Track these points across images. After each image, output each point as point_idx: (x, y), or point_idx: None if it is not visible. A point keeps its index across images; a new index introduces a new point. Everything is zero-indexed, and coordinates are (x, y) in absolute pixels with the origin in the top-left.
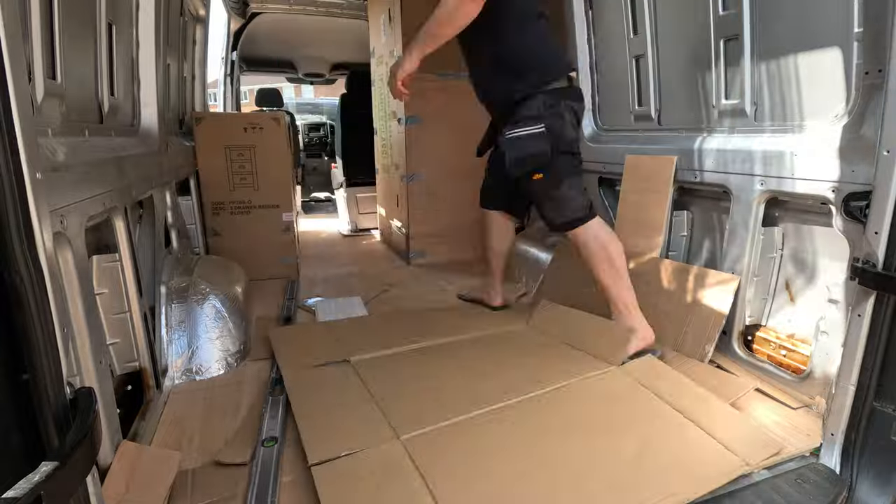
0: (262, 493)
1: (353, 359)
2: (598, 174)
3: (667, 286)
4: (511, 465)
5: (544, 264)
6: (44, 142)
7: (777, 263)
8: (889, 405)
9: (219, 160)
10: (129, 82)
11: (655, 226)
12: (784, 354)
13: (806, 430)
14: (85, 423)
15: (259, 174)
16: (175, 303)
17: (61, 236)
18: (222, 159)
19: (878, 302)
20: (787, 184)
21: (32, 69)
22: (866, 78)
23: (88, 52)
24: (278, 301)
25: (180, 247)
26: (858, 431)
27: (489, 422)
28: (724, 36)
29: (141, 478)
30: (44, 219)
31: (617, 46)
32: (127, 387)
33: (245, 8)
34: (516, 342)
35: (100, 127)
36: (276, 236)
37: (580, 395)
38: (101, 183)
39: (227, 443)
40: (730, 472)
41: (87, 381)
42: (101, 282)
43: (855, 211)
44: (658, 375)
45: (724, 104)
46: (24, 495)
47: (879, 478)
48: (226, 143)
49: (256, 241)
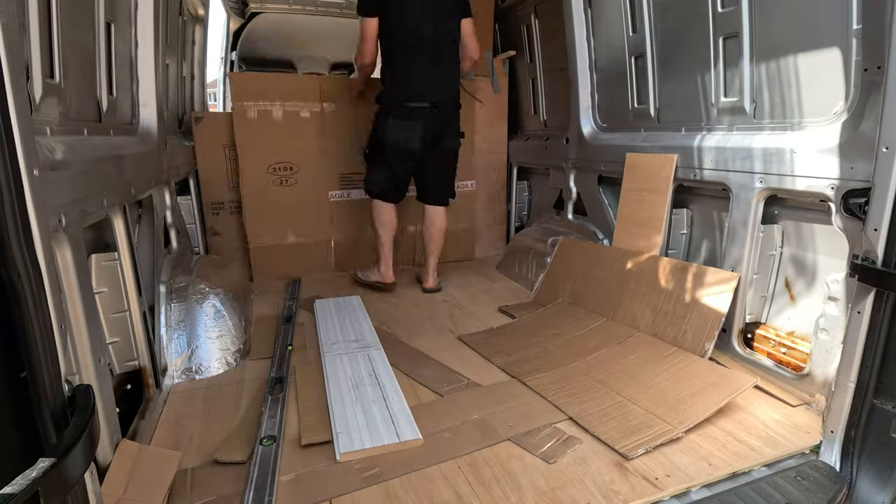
0: (260, 491)
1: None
2: (598, 173)
3: (666, 284)
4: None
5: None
6: (42, 140)
7: (776, 261)
8: (889, 402)
9: (218, 160)
10: (127, 81)
11: (655, 224)
12: (784, 352)
13: (806, 427)
14: (83, 420)
15: None
16: (174, 302)
17: (60, 234)
18: (222, 159)
19: (878, 299)
20: (786, 181)
21: (31, 68)
22: (865, 75)
23: (87, 51)
24: (279, 301)
25: (180, 246)
26: (858, 428)
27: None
28: (723, 34)
29: (140, 476)
30: (41, 217)
31: (616, 45)
32: (126, 386)
33: (244, 8)
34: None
35: (98, 126)
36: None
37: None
38: (100, 182)
39: (225, 442)
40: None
41: (85, 380)
42: (101, 280)
43: (854, 208)
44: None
45: (723, 102)
46: (21, 491)
47: (879, 475)
48: (225, 142)
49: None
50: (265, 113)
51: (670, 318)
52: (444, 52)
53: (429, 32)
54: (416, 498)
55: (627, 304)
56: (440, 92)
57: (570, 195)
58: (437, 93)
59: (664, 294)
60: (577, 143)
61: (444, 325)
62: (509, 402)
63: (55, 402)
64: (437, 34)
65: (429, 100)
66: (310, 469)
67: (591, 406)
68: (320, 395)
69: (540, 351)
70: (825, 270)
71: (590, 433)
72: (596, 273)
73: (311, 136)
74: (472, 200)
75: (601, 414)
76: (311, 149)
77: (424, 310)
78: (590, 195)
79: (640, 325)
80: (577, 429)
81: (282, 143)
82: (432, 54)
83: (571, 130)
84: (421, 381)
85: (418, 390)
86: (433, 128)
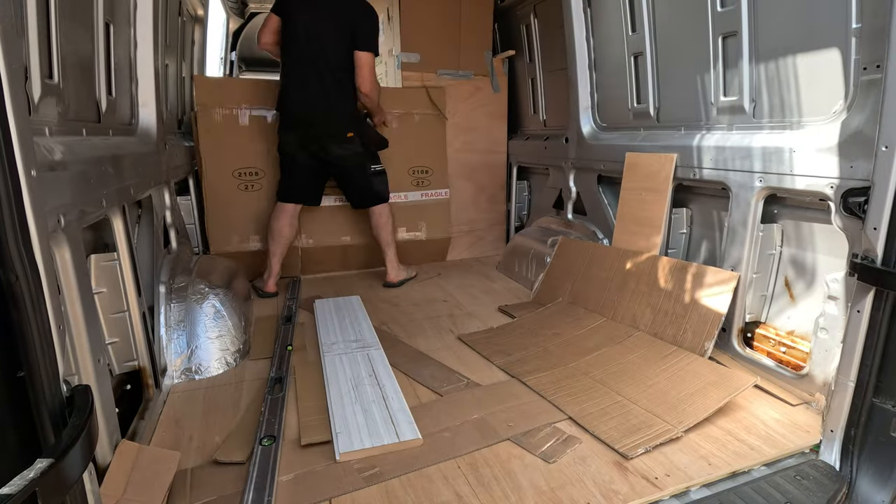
0: (259, 491)
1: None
2: (598, 172)
3: (666, 284)
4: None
5: (545, 262)
6: (41, 141)
7: (776, 260)
8: (888, 401)
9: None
10: (126, 82)
11: (655, 223)
12: (784, 351)
13: (805, 426)
14: (81, 420)
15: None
16: (174, 302)
17: (59, 235)
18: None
19: (877, 298)
20: (785, 180)
21: (29, 68)
22: (864, 73)
23: (86, 51)
24: (279, 300)
25: (179, 246)
26: (858, 428)
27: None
28: (722, 32)
29: (140, 477)
30: (40, 217)
31: (615, 44)
32: (126, 386)
33: (244, 8)
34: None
35: (98, 126)
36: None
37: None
38: (99, 182)
39: (225, 442)
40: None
41: (84, 380)
42: (100, 281)
43: (853, 207)
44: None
45: (722, 101)
46: (19, 492)
47: (879, 474)
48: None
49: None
50: (230, 117)
51: (670, 318)
52: (324, 75)
53: (312, 54)
54: (416, 498)
55: (627, 303)
56: (316, 111)
57: (569, 195)
58: (311, 112)
59: (664, 294)
60: (576, 142)
61: (443, 325)
62: (509, 402)
63: (53, 403)
64: (320, 58)
65: (302, 115)
66: (309, 469)
67: (591, 406)
68: (320, 395)
69: (540, 351)
70: (825, 269)
71: (589, 433)
72: (596, 273)
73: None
74: (446, 209)
75: (601, 413)
76: (276, 154)
77: (424, 310)
78: (589, 195)
79: (640, 325)
80: (577, 428)
81: (247, 147)
82: (312, 75)
83: (571, 130)
84: (421, 381)
85: (418, 390)
86: (311, 140)
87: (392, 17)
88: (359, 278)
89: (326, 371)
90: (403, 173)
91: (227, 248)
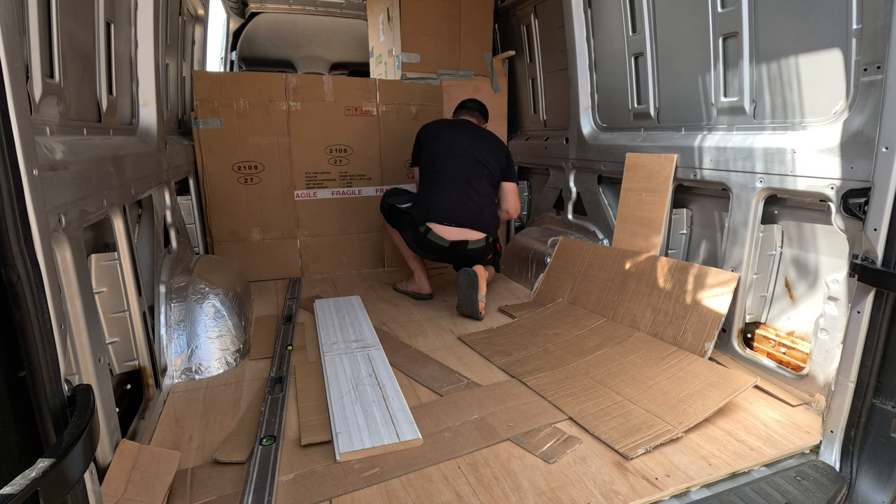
0: (259, 491)
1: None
2: (598, 173)
3: (666, 284)
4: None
5: (545, 262)
6: (42, 140)
7: (776, 261)
8: (888, 402)
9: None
10: (127, 81)
11: (655, 224)
12: (784, 352)
13: (805, 427)
14: (83, 419)
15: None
16: (174, 302)
17: (60, 234)
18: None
19: (878, 298)
20: (786, 181)
21: (30, 67)
22: (865, 74)
23: (87, 51)
24: (279, 300)
25: (179, 246)
26: (858, 428)
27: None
28: (723, 33)
29: (140, 476)
30: (41, 217)
31: (616, 45)
32: (126, 386)
33: (244, 7)
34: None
35: (98, 126)
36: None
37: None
38: (100, 181)
39: (225, 442)
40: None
41: (85, 379)
42: (100, 280)
43: (854, 208)
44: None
45: (723, 102)
46: (21, 492)
47: (879, 474)
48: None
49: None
50: (230, 111)
51: (670, 318)
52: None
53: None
54: (416, 498)
55: (627, 304)
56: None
57: (569, 195)
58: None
59: (664, 294)
60: (576, 142)
61: (443, 325)
62: (509, 402)
63: (55, 402)
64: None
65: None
66: (309, 469)
67: (591, 406)
68: (320, 395)
69: (540, 351)
70: (825, 270)
71: (590, 433)
72: (596, 273)
73: (276, 134)
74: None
75: (601, 414)
76: (276, 147)
77: (424, 310)
78: (589, 195)
79: (640, 325)
80: (577, 429)
81: (246, 141)
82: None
83: (571, 130)
84: (421, 381)
85: (418, 390)
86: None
87: (392, 17)
88: (359, 278)
89: (326, 371)
90: (403, 172)
91: (228, 241)
